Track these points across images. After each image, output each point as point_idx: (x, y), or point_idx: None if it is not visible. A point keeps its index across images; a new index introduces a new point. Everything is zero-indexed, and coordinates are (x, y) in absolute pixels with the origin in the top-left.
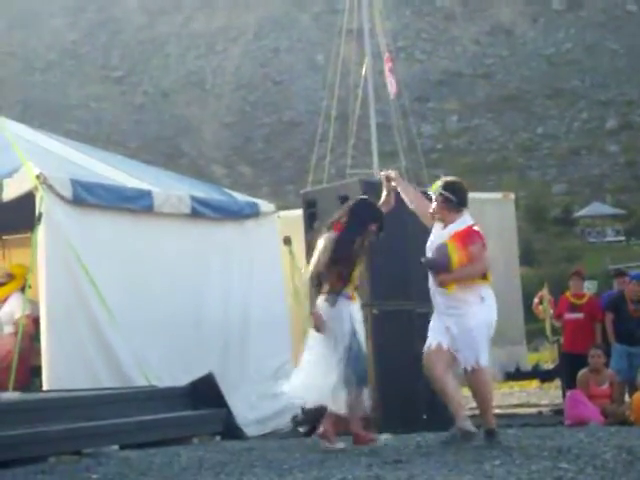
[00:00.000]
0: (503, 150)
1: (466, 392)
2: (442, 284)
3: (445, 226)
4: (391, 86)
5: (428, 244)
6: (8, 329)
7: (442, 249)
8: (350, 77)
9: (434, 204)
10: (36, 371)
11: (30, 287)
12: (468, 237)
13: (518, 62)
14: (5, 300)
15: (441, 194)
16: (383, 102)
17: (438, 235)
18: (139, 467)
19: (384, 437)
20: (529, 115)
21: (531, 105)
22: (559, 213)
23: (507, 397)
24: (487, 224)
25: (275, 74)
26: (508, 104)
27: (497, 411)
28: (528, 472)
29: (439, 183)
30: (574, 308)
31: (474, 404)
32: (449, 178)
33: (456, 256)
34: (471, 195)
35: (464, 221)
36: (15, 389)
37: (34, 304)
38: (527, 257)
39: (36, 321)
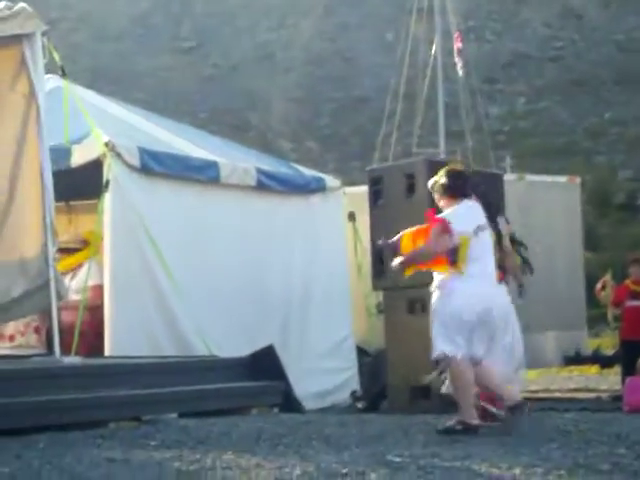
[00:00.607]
0: (570, 134)
1: None
2: (394, 266)
3: None
4: (459, 65)
5: None
6: (85, 295)
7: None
8: (419, 55)
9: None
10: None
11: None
12: (431, 221)
13: (588, 46)
14: (79, 267)
15: (441, 183)
16: (451, 82)
17: None
18: (197, 435)
19: None
20: (597, 100)
21: (600, 90)
22: (625, 199)
23: (566, 381)
24: (552, 208)
25: (344, 50)
26: (576, 88)
27: (556, 394)
28: (585, 456)
29: (441, 172)
30: (634, 295)
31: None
32: (451, 166)
33: (407, 238)
34: (537, 178)
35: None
36: (83, 355)
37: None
38: (591, 242)
39: None
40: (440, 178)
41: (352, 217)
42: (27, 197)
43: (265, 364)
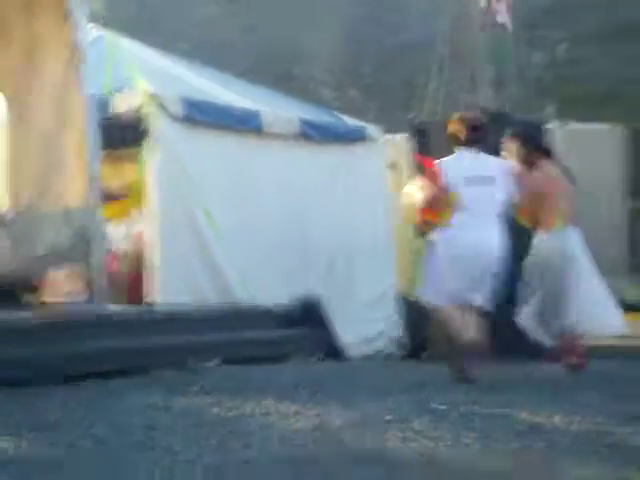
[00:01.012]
0: (614, 82)
1: None
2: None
3: None
4: (502, 14)
5: None
6: (127, 245)
7: None
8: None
9: None
10: None
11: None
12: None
13: None
14: (126, 215)
15: (447, 131)
16: (494, 29)
17: None
18: (238, 382)
19: None
20: None
21: None
22: None
23: None
24: (595, 155)
25: None
26: (620, 35)
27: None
28: (625, 404)
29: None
30: None
31: None
32: (458, 114)
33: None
34: (579, 126)
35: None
36: (126, 302)
37: None
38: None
39: None
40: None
41: (394, 165)
42: (71, 146)
43: (309, 312)
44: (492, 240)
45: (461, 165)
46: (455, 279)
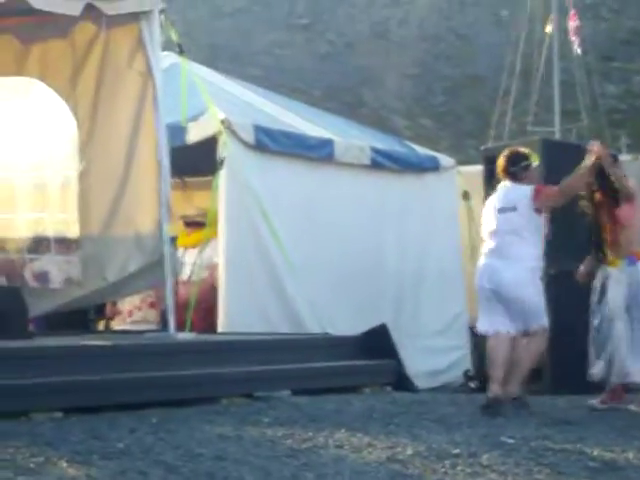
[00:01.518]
0: None
1: None
2: None
3: None
4: (576, 43)
5: None
6: (206, 274)
7: None
8: (535, 34)
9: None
10: None
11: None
12: None
13: None
14: (206, 243)
15: None
16: (567, 60)
17: None
18: (310, 413)
19: None
20: None
21: None
22: None
23: None
24: None
25: (459, 27)
26: None
27: None
28: None
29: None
30: None
31: None
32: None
33: None
34: None
35: None
36: (197, 331)
37: None
38: None
39: None
40: None
41: (466, 196)
42: (143, 173)
43: (378, 342)
44: (507, 268)
45: (496, 196)
46: (484, 307)
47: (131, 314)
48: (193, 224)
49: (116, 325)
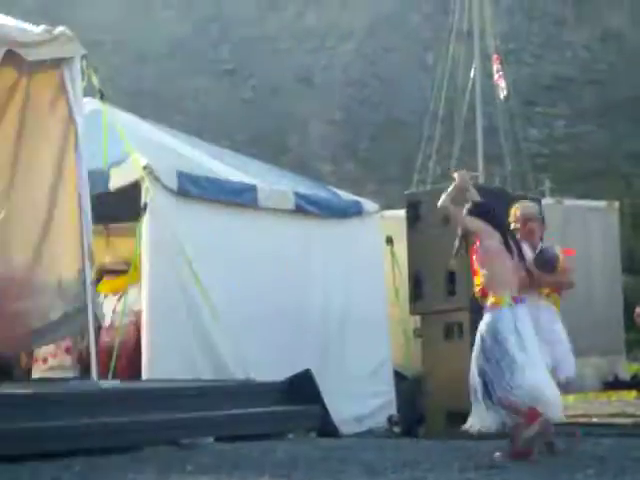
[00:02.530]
0: (610, 158)
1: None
2: None
3: (536, 245)
4: (500, 88)
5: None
6: (126, 320)
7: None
8: (458, 78)
9: (534, 224)
10: None
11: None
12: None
13: (629, 69)
14: (125, 290)
15: (542, 216)
16: (490, 105)
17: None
18: (233, 460)
19: None
20: (638, 124)
21: None
22: None
23: (604, 406)
24: (590, 232)
25: (384, 72)
26: (617, 111)
27: (594, 420)
28: None
29: (537, 206)
30: None
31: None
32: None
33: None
34: (575, 202)
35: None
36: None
37: None
38: (631, 266)
39: None
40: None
41: (390, 241)
42: (65, 220)
43: (302, 388)
44: None
45: None
46: None
47: (46, 361)
48: (111, 272)
49: (33, 373)
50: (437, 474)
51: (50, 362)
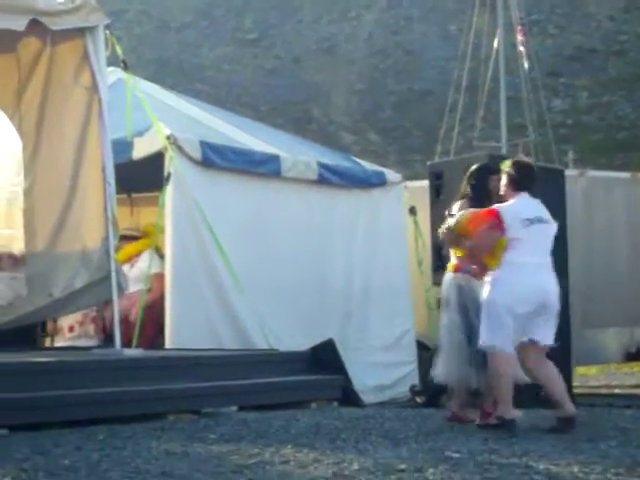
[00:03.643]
0: (634, 128)
1: None
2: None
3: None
4: (524, 58)
5: None
6: (139, 286)
7: None
8: (482, 49)
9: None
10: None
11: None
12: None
13: None
14: (138, 256)
15: (507, 172)
16: (514, 75)
17: None
18: (256, 429)
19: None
20: None
21: None
22: None
23: (627, 377)
24: (614, 203)
25: (407, 43)
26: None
27: (616, 391)
28: None
29: (508, 162)
30: None
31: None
32: (520, 158)
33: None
34: (599, 174)
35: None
36: (142, 346)
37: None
38: None
39: None
40: (506, 167)
41: (413, 211)
42: (89, 189)
43: (325, 358)
44: (552, 279)
45: (524, 208)
46: (517, 319)
47: (72, 329)
48: (124, 238)
49: (58, 341)
50: (459, 444)
51: (77, 330)
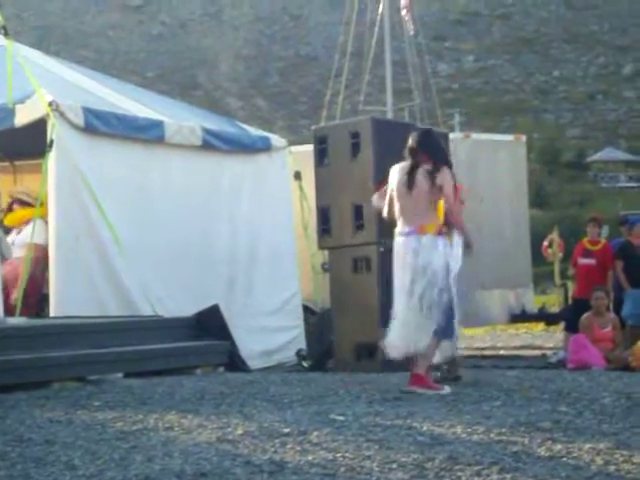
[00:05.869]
0: (519, 92)
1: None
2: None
3: None
4: (408, 22)
5: None
6: (22, 253)
7: None
8: (367, 14)
9: None
10: (47, 299)
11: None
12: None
13: (537, 4)
14: (27, 223)
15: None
16: (399, 40)
17: None
18: (141, 395)
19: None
20: (545, 58)
21: (548, 48)
22: (572, 157)
23: (512, 339)
24: (498, 166)
25: (293, 8)
26: (525, 46)
27: (501, 352)
28: (527, 414)
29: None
30: (588, 254)
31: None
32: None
33: None
34: (484, 136)
35: None
36: (25, 315)
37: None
38: (538, 199)
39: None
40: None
41: (298, 176)
42: None
43: (210, 323)
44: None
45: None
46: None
47: None
48: (21, 202)
49: None
50: (344, 407)
51: None
